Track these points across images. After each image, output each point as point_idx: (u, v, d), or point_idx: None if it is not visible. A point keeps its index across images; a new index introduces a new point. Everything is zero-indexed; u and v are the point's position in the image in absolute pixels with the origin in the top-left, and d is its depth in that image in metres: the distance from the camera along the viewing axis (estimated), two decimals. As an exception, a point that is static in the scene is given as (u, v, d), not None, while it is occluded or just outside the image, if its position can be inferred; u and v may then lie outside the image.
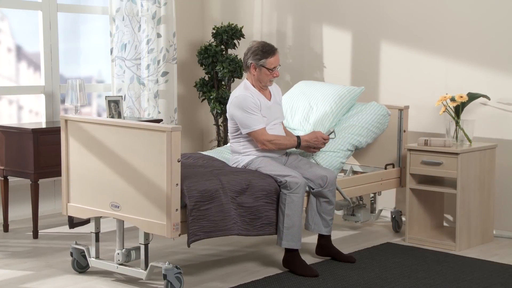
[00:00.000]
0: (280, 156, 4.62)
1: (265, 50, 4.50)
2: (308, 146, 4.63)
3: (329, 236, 4.60)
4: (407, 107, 5.29)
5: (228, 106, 4.58)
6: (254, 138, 4.50)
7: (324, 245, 4.60)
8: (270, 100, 4.62)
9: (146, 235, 4.06)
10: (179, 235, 3.92)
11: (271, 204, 4.30)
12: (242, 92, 4.51)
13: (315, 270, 4.31)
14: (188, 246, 3.95)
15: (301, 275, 4.29)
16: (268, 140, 4.49)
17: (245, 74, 6.30)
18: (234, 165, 4.61)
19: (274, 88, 4.71)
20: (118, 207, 4.10)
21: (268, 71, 4.51)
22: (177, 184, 3.87)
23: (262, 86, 4.58)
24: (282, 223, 4.30)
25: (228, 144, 5.18)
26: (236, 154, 4.61)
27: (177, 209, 3.88)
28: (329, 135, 4.69)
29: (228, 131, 4.66)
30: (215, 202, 4.04)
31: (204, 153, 4.91)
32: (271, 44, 4.57)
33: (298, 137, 4.60)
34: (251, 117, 4.45)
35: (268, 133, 4.50)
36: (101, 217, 4.30)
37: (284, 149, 4.61)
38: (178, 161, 3.86)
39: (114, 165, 4.10)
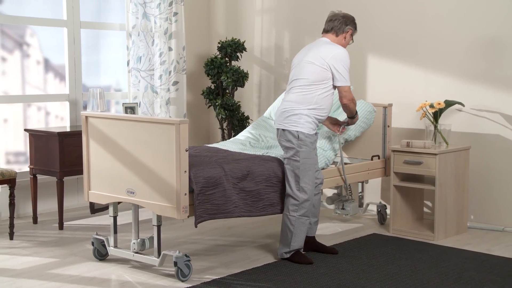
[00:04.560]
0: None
1: (356, 23, 4.45)
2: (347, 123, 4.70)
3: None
4: (390, 105, 5.28)
5: (327, 56, 4.22)
6: (344, 92, 4.27)
7: (310, 241, 4.54)
8: None
9: (159, 218, 4.06)
10: (188, 216, 3.91)
11: (271, 187, 4.28)
12: (343, 49, 4.25)
13: (310, 258, 4.32)
14: (196, 226, 3.94)
15: (297, 263, 4.29)
16: (352, 98, 4.36)
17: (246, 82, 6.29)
18: (287, 123, 4.23)
19: None
20: (134, 193, 4.10)
21: (351, 40, 4.43)
22: (185, 171, 3.87)
23: None
24: (289, 240, 4.27)
25: (232, 138, 5.14)
26: (297, 108, 4.22)
27: (185, 194, 3.88)
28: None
29: (303, 78, 4.25)
30: (219, 187, 4.03)
31: (209, 145, 4.92)
32: None
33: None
34: (348, 74, 4.26)
35: None
36: (119, 202, 4.31)
37: (352, 113, 4.52)
38: (186, 151, 3.86)
39: (129, 156, 4.10)
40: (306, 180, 4.25)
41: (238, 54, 6.28)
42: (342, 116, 5.04)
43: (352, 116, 4.60)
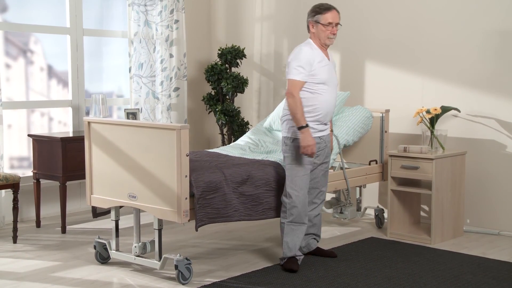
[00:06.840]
0: (318, 143, 4.20)
1: (320, 6, 4.08)
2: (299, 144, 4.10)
3: None
4: (387, 111, 5.27)
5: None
6: (287, 85, 4.02)
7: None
8: (329, 60, 4.17)
9: (160, 221, 4.06)
10: (188, 220, 3.90)
11: (271, 192, 4.26)
12: (302, 45, 4.08)
13: (296, 266, 4.17)
14: (196, 230, 3.93)
15: (285, 270, 4.20)
16: (294, 95, 3.96)
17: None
18: (282, 130, 4.18)
19: (331, 58, 4.26)
20: (135, 197, 4.09)
21: (323, 27, 4.05)
22: (186, 176, 3.86)
23: (322, 44, 4.11)
24: (283, 247, 4.23)
25: (232, 143, 5.12)
26: (283, 114, 4.16)
27: (186, 198, 3.87)
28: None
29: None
30: (219, 192, 4.02)
31: (209, 150, 4.91)
32: (328, 3, 4.14)
33: (306, 125, 4.02)
34: (297, 68, 4.00)
35: (298, 91, 4.00)
36: (121, 206, 4.30)
37: (292, 115, 4.03)
38: (187, 156, 3.85)
39: (131, 161, 4.10)
40: (292, 185, 4.17)
41: (238, 60, 6.28)
42: (332, 121, 5.01)
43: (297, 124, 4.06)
